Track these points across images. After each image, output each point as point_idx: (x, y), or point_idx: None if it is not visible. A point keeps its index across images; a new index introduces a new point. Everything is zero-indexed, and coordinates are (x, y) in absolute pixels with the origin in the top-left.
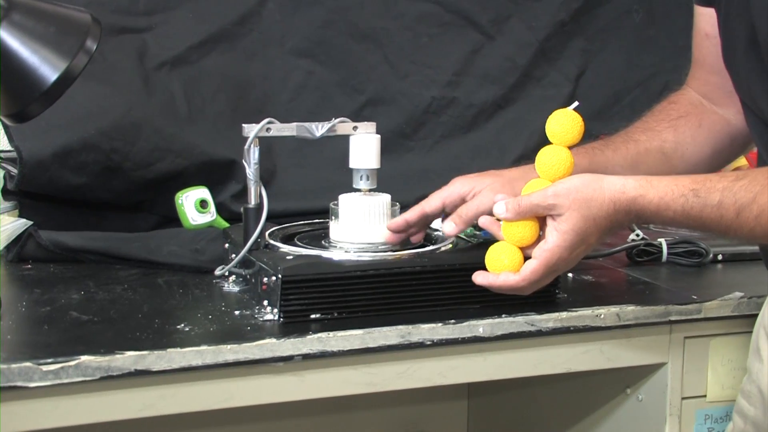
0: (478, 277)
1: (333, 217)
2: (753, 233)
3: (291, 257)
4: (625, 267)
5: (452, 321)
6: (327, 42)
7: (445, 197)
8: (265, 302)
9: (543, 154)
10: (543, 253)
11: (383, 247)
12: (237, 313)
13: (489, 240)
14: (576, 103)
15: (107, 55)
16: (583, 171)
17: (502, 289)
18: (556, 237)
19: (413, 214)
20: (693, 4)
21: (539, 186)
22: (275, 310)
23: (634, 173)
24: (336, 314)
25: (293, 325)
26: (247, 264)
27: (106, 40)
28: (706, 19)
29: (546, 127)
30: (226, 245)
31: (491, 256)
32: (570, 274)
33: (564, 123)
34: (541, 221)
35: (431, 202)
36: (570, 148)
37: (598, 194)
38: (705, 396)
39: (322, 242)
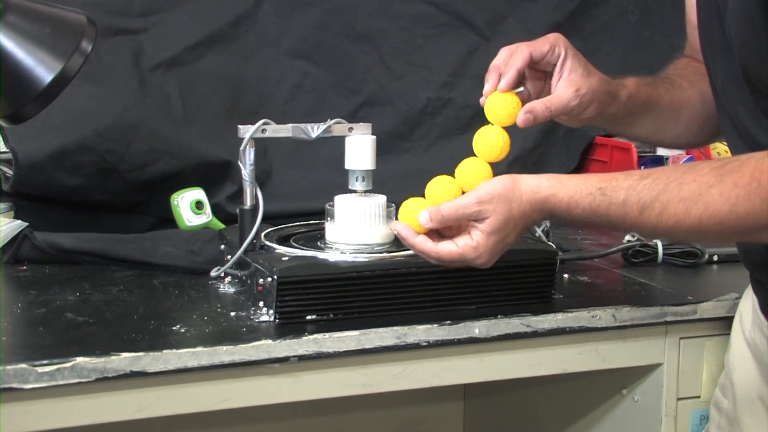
0: (398, 226)
1: (329, 218)
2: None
3: (287, 258)
4: (621, 268)
5: (448, 322)
6: (323, 43)
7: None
8: (261, 303)
9: (480, 135)
10: (466, 248)
11: (379, 248)
12: (233, 314)
13: None
14: (521, 88)
15: (103, 56)
16: (642, 102)
17: (414, 248)
18: (482, 238)
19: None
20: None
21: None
22: (271, 311)
23: (678, 118)
24: (332, 315)
25: (289, 326)
26: (243, 265)
27: (101, 42)
28: (692, 11)
29: (485, 109)
30: (222, 246)
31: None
32: (566, 275)
33: (502, 101)
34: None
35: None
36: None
37: (517, 195)
38: (700, 397)
39: (318, 243)
